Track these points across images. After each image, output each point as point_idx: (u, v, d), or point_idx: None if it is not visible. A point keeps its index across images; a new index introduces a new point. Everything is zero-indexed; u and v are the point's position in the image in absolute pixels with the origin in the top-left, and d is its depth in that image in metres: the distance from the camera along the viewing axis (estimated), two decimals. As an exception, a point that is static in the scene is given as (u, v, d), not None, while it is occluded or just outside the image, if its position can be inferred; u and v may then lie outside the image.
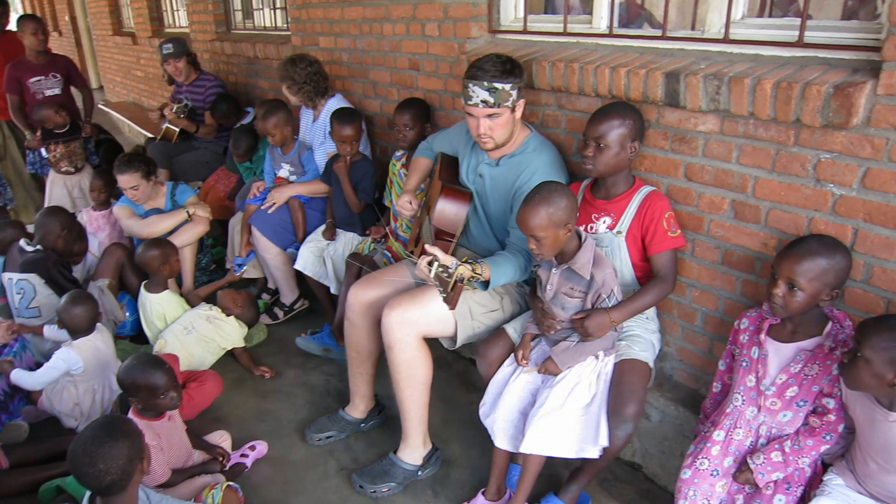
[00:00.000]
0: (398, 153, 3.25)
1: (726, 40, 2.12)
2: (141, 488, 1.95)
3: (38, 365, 2.94)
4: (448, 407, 2.95)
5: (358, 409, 2.79)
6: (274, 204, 3.55)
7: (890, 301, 1.82)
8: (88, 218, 4.06)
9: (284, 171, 3.69)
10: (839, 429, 1.79)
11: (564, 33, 2.64)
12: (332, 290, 3.39)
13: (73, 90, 5.20)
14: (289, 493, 2.52)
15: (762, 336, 1.89)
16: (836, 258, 1.74)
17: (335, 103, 3.56)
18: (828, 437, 1.80)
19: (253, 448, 2.71)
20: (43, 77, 4.92)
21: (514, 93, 2.25)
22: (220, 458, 2.54)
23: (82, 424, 2.91)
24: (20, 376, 2.82)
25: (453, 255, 2.31)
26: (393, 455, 2.50)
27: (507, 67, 2.24)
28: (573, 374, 2.10)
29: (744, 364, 1.95)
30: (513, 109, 2.29)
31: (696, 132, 2.12)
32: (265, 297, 3.93)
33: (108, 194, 4.11)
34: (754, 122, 1.96)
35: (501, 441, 2.22)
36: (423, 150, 2.87)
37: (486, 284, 2.26)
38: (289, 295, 3.79)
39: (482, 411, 2.30)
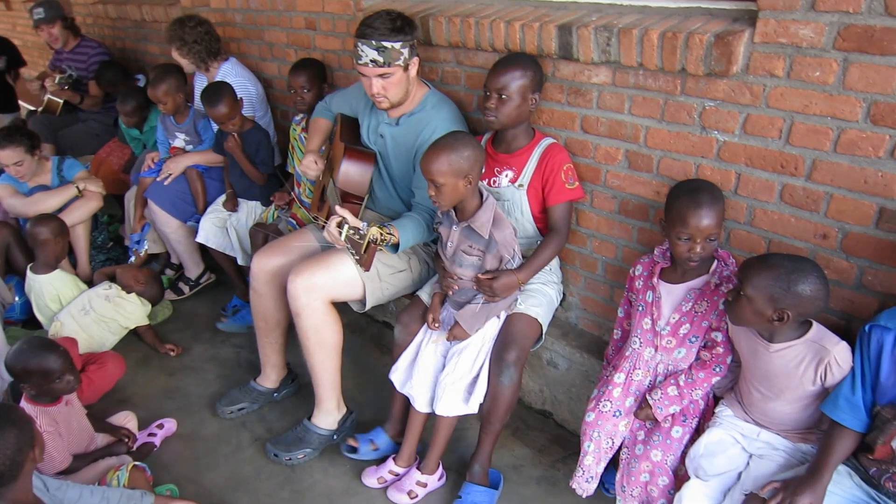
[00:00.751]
0: (297, 117, 3.16)
1: (616, -8, 2.16)
2: (37, 476, 1.86)
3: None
4: (363, 371, 2.95)
5: (270, 378, 2.75)
6: (170, 175, 3.39)
7: (771, 241, 1.93)
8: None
9: (180, 141, 3.52)
10: (727, 360, 1.91)
11: (460, -13, 2.61)
12: (240, 262, 3.29)
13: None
14: (201, 468, 2.47)
15: (655, 280, 1.98)
16: (722, 199, 1.86)
17: (229, 68, 3.41)
18: (717, 370, 1.91)
19: (161, 426, 2.63)
20: None
21: (406, 51, 2.21)
22: (126, 440, 2.44)
23: (-29, 414, 2.74)
24: None
25: (361, 218, 2.28)
26: (307, 421, 2.48)
27: (396, 25, 2.19)
28: (479, 336, 2.14)
29: (640, 308, 2.03)
30: (405, 68, 2.25)
31: (590, 84, 2.16)
32: (169, 272, 3.77)
33: None
34: (643, 73, 2.01)
35: (421, 405, 2.24)
36: (321, 111, 2.80)
37: (395, 247, 2.24)
38: (193, 269, 3.66)
39: (395, 378, 2.32)
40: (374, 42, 2.17)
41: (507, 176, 2.25)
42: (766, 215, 1.92)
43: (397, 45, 2.18)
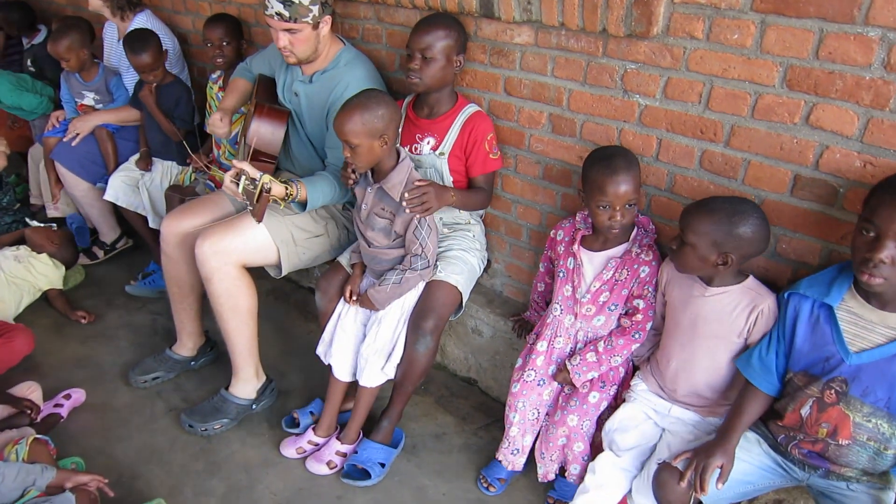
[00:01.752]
0: (214, 75, 2.99)
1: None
2: None
3: None
4: (286, 338, 2.87)
5: (186, 346, 2.64)
6: (78, 135, 3.18)
7: (690, 207, 1.92)
8: None
9: (89, 100, 3.30)
10: (647, 327, 1.92)
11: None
12: (151, 224, 3.14)
13: None
14: (111, 439, 2.37)
15: (576, 247, 1.96)
16: (638, 165, 1.87)
17: (144, 19, 3.18)
18: (636, 336, 1.92)
19: (68, 397, 2.50)
20: None
21: (315, 8, 2.11)
22: (28, 412, 2.31)
23: None
24: None
25: (277, 178, 2.18)
26: (224, 391, 2.40)
27: None
28: (398, 305, 2.10)
29: (561, 275, 2.02)
30: (315, 26, 2.15)
31: (513, 45, 2.09)
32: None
33: None
34: (566, 33, 1.96)
35: (341, 373, 2.20)
36: (241, 72, 2.65)
37: (304, 206, 2.16)
38: (109, 233, 3.48)
39: (320, 350, 2.27)
40: None
41: (428, 143, 2.19)
42: (686, 182, 1.91)
43: (305, 2, 2.08)
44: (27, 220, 3.33)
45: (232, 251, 2.17)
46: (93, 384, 2.61)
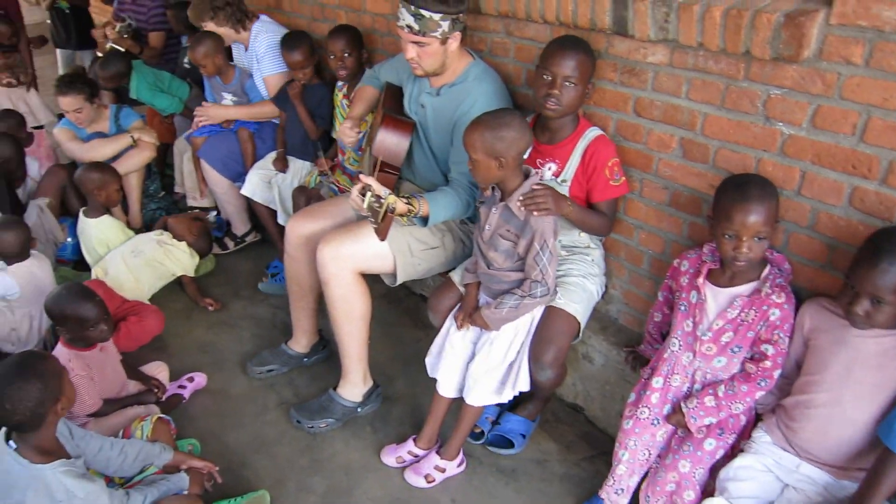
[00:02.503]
0: (340, 83, 3.09)
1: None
2: (63, 422, 1.89)
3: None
4: (395, 343, 2.91)
5: (300, 343, 2.74)
6: (205, 118, 3.42)
7: (835, 248, 1.75)
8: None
9: (227, 101, 3.51)
10: (775, 375, 1.76)
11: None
12: (280, 220, 3.29)
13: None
14: (226, 425, 2.49)
15: (700, 280, 1.84)
16: (775, 196, 1.73)
17: (261, 25, 3.37)
18: (763, 384, 1.77)
19: (191, 380, 2.67)
20: None
21: (445, 24, 2.11)
22: (156, 390, 2.48)
23: (20, 348, 2.84)
24: (-50, 305, 2.73)
25: (396, 189, 2.22)
26: (332, 391, 2.46)
27: None
28: (511, 327, 2.05)
29: (682, 308, 1.90)
30: (443, 41, 2.15)
31: (646, 64, 2.00)
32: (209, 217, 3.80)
33: None
34: (704, 54, 1.84)
35: (446, 390, 2.19)
36: (368, 79, 2.72)
37: (425, 221, 2.17)
38: (240, 226, 3.69)
39: (429, 361, 2.27)
40: (412, 7, 2.08)
41: (550, 169, 2.14)
42: (831, 220, 1.74)
43: (436, 17, 2.08)
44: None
45: (350, 258, 2.22)
46: (214, 370, 2.76)
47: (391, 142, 2.29)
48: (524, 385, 2.10)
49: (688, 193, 2.04)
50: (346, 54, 2.89)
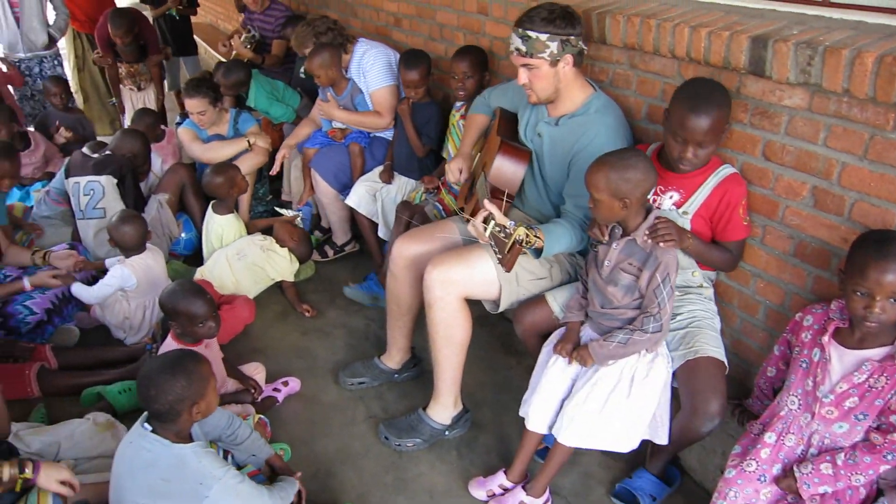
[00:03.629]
0: (458, 103, 3.11)
1: (826, 3, 1.89)
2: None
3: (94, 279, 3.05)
4: (485, 369, 2.88)
5: (393, 359, 2.76)
6: (323, 114, 3.57)
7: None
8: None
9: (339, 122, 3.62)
10: (905, 450, 1.63)
11: (647, -16, 2.41)
12: (380, 234, 3.35)
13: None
14: (315, 433, 2.53)
15: (826, 338, 1.72)
16: None
17: (365, 46, 3.47)
18: (889, 457, 1.63)
19: (286, 384, 2.73)
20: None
21: (554, 45, 2.09)
22: (252, 390, 2.56)
23: (130, 337, 3.02)
24: (80, 290, 2.93)
25: (506, 216, 2.20)
26: (422, 411, 2.46)
27: (550, 17, 2.09)
28: (615, 369, 1.98)
29: (803, 365, 1.79)
30: (552, 63, 2.13)
31: (781, 107, 1.90)
32: (317, 234, 3.92)
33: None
34: (849, 101, 1.74)
35: (535, 425, 2.14)
36: (479, 106, 2.73)
37: (539, 252, 2.14)
38: (341, 236, 3.78)
39: (525, 396, 2.21)
40: (520, 30, 2.10)
41: (671, 197, 2.07)
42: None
43: (543, 37, 2.08)
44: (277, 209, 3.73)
45: (458, 282, 2.22)
46: (307, 375, 2.82)
47: (507, 169, 2.28)
48: (662, 439, 2.03)
49: (816, 245, 1.93)
50: (467, 76, 2.92)
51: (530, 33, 2.09)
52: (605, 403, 1.97)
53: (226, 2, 7.87)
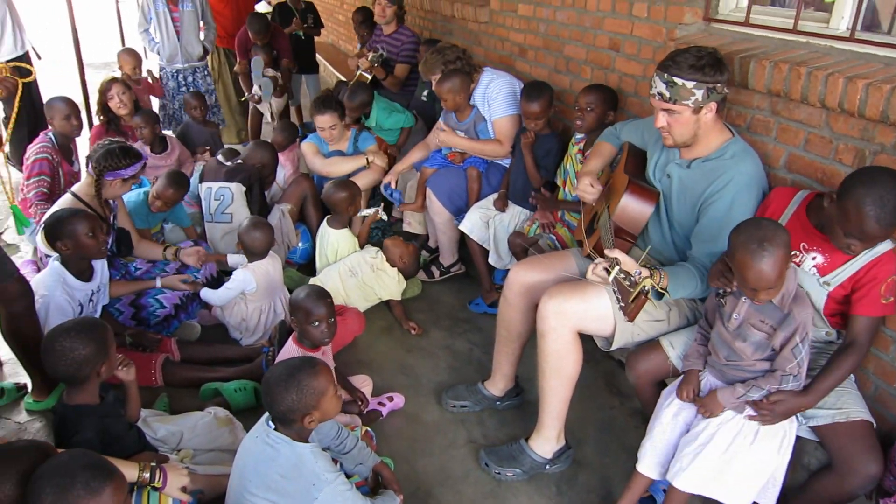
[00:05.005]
0: (579, 135, 3.12)
1: None
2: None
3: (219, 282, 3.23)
4: (588, 406, 2.84)
5: (497, 386, 2.77)
6: (440, 142, 3.63)
7: None
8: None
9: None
10: None
11: (794, 31, 2.34)
12: (491, 260, 3.38)
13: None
14: (416, 451, 2.57)
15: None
16: None
17: (492, 75, 3.53)
18: None
19: (391, 399, 2.79)
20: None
21: (699, 93, 2.05)
22: (359, 402, 2.63)
23: (246, 338, 3.18)
24: (207, 294, 3.12)
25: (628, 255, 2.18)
26: (524, 442, 2.46)
27: (699, 64, 2.04)
28: (737, 422, 1.92)
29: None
30: (696, 111, 2.09)
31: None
32: (424, 253, 4.00)
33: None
34: None
35: (647, 468, 2.09)
36: (608, 136, 2.72)
37: (660, 294, 2.10)
38: (448, 257, 3.84)
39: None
40: (665, 75, 2.07)
41: (813, 258, 1.96)
42: None
43: (689, 85, 2.05)
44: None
45: (573, 315, 2.22)
46: (410, 392, 2.87)
47: (633, 209, 2.27)
48: (770, 501, 1.97)
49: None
50: (590, 109, 2.92)
51: (676, 79, 2.06)
52: (728, 448, 1.91)
53: (348, 24, 8.22)
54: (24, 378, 2.83)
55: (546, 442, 2.43)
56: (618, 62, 3.11)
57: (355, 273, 3.35)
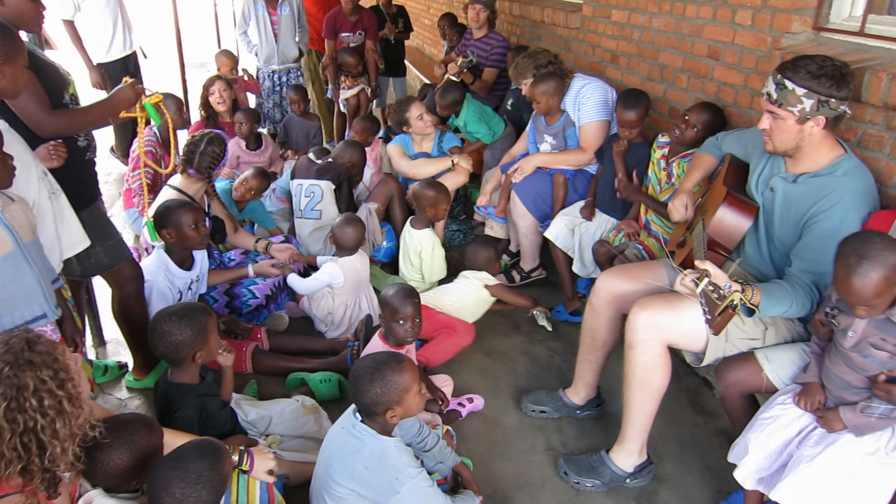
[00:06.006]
0: (663, 140, 3.06)
1: None
2: None
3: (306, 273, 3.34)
4: (669, 422, 2.76)
5: (579, 394, 2.74)
6: (518, 170, 3.59)
7: None
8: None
9: (546, 145, 3.66)
10: None
11: (915, 42, 2.24)
12: (574, 268, 3.36)
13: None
14: (494, 454, 2.58)
15: None
16: None
17: (584, 80, 3.49)
18: None
19: (471, 400, 2.81)
20: (350, 33, 5.64)
21: (809, 103, 1.97)
22: (440, 402, 2.66)
23: (331, 331, 3.27)
24: (294, 280, 3.23)
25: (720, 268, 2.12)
26: (605, 453, 2.43)
27: (818, 72, 1.96)
28: (871, 440, 1.83)
29: None
30: (800, 121, 2.01)
31: None
32: (505, 258, 4.00)
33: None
34: None
35: (747, 480, 2.00)
36: (709, 147, 2.65)
37: (750, 311, 2.04)
38: (530, 262, 3.83)
39: (735, 453, 2.08)
40: (779, 76, 2.01)
41: None
42: None
43: (799, 92, 1.97)
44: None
45: (664, 328, 2.18)
46: (488, 395, 2.88)
47: (729, 222, 2.21)
48: None
49: None
50: (693, 127, 2.84)
51: (788, 83, 1.99)
52: (851, 473, 1.81)
53: (434, 28, 8.32)
54: (126, 357, 3.01)
55: (628, 455, 2.39)
56: (716, 71, 3.03)
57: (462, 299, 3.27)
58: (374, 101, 6.10)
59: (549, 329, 3.31)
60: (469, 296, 3.23)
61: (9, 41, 1.97)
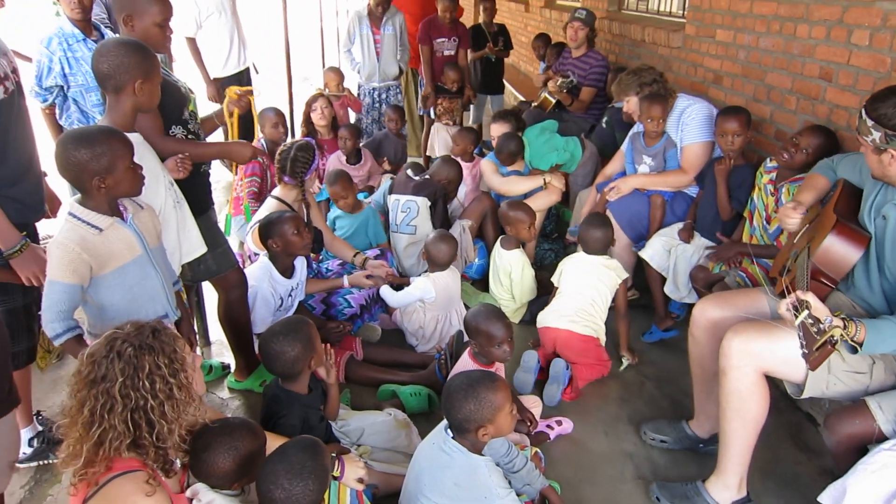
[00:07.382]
0: (771, 164, 2.94)
1: None
2: None
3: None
4: (769, 459, 2.64)
5: (703, 427, 2.64)
6: (614, 190, 3.55)
7: None
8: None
9: (644, 166, 3.61)
10: None
11: None
12: (667, 290, 3.29)
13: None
14: (582, 479, 2.55)
15: None
16: None
17: (689, 100, 3.43)
18: None
19: (560, 423, 2.79)
20: (446, 39, 5.68)
21: (877, 135, 1.93)
22: (528, 423, 2.65)
23: (422, 345, 3.33)
24: (387, 293, 3.32)
25: (825, 302, 2.01)
26: (701, 484, 2.34)
27: (884, 106, 1.89)
28: None
29: None
30: (877, 151, 1.97)
31: None
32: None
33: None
34: None
35: None
36: (823, 168, 2.53)
37: (854, 349, 1.93)
38: (624, 284, 3.78)
39: (829, 494, 1.96)
40: (867, 106, 1.96)
41: None
42: None
43: (868, 123, 1.93)
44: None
45: (758, 355, 2.10)
46: (577, 419, 2.84)
47: (837, 251, 2.11)
48: None
49: None
50: (804, 150, 2.73)
51: (863, 112, 1.96)
52: None
53: (530, 46, 8.36)
54: (228, 359, 3.17)
55: (726, 489, 2.30)
56: (829, 93, 2.90)
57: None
58: (472, 117, 6.18)
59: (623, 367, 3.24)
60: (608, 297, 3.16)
61: (147, 60, 2.16)
